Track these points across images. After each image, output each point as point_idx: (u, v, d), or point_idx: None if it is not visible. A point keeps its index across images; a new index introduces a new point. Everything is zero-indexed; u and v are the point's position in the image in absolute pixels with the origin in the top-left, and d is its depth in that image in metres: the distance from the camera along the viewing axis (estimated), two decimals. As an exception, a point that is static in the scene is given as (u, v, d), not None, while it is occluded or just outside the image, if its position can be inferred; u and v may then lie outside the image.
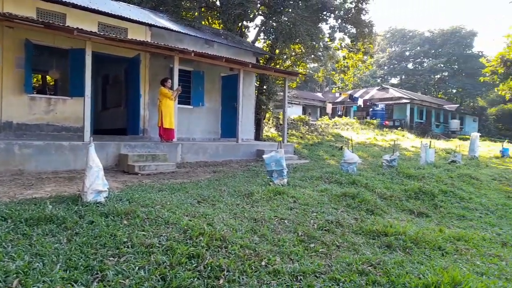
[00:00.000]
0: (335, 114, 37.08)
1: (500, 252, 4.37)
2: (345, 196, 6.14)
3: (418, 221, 5.77)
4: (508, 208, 7.01)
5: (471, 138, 13.91)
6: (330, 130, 24.21)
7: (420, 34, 60.42)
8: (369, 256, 3.85)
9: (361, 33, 19.65)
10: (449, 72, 56.24)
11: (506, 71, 28.16)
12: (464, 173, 9.50)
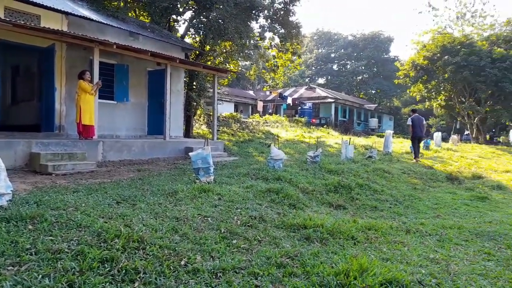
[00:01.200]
0: (266, 112, 37.92)
1: (404, 239, 4.83)
2: (269, 192, 6.31)
3: (336, 213, 6.14)
4: (414, 198, 7.79)
5: (385, 135, 15.21)
6: (261, 127, 24.69)
7: (344, 38, 64.32)
8: (288, 249, 4.00)
9: (289, 34, 20.31)
10: (369, 74, 60.73)
11: (416, 75, 31.24)
12: (378, 168, 10.35)
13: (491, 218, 6.33)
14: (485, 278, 3.65)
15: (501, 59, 27.28)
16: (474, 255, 4.35)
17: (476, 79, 27.85)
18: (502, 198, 8.45)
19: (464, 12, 33.27)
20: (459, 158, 16.06)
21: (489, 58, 27.71)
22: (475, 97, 30.87)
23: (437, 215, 6.49)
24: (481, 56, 27.81)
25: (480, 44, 29.39)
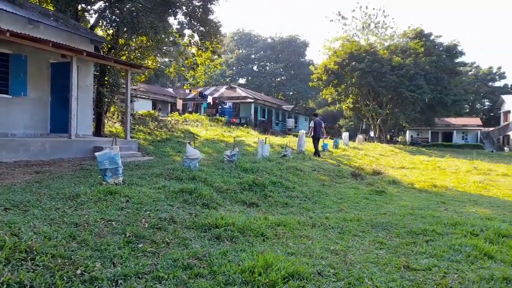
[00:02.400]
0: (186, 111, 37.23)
1: (309, 233, 5.12)
2: (182, 192, 6.19)
3: (249, 211, 6.26)
4: (322, 194, 8.32)
5: (299, 135, 16.02)
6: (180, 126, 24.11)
7: (264, 40, 66.08)
8: (198, 249, 3.97)
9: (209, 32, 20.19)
10: (287, 76, 63.35)
11: (328, 79, 33.48)
12: (292, 166, 10.84)
13: (386, 210, 7.05)
14: (376, 265, 4.03)
15: (398, 67, 30.62)
16: (369, 245, 4.79)
17: (379, 84, 30.85)
18: (397, 192, 9.47)
19: (369, 23, 36.64)
20: (363, 156, 17.62)
21: (389, 65, 30.90)
22: (378, 101, 34.18)
23: (340, 209, 7.02)
24: (382, 63, 30.88)
25: (382, 53, 32.62)
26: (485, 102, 60.53)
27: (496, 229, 5.39)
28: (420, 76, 30.47)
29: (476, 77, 58.69)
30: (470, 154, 25.62)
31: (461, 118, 50.33)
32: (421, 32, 34.78)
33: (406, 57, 31.93)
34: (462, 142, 46.26)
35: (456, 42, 35.00)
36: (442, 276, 3.77)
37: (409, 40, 34.68)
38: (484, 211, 7.30)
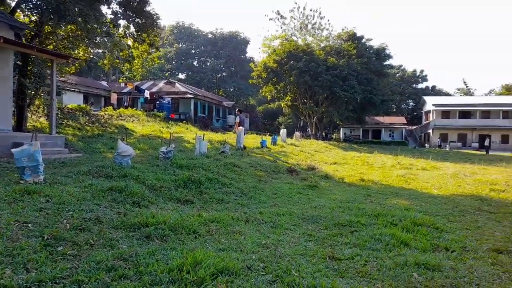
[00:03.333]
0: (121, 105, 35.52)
1: (243, 228, 5.17)
2: (111, 191, 5.90)
3: (183, 209, 6.16)
4: (258, 190, 8.45)
5: (237, 131, 16.11)
6: (114, 121, 22.93)
7: (204, 35, 65.27)
8: (124, 250, 3.81)
9: (145, 24, 19.44)
10: (227, 72, 63.27)
11: (267, 76, 34.06)
12: (229, 162, 10.86)
13: (317, 204, 7.37)
14: (304, 257, 4.19)
15: (333, 67, 32.11)
16: (299, 238, 4.96)
17: (315, 83, 32.10)
18: (328, 186, 9.93)
19: (306, 24, 37.94)
20: (299, 152, 18.24)
21: (324, 65, 32.28)
22: (314, 99, 35.55)
23: (274, 204, 7.19)
24: (318, 63, 32.16)
25: (318, 53, 33.95)
26: (410, 103, 65.86)
27: (412, 218, 5.90)
28: (352, 76, 32.27)
29: (402, 79, 63.63)
30: (395, 150, 27.72)
31: (389, 117, 54.25)
32: (354, 35, 36.82)
33: (340, 58, 33.60)
34: (389, 139, 49.92)
35: (384, 46, 37.63)
36: (363, 264, 4.04)
37: (343, 42, 36.54)
38: (404, 202, 7.95)
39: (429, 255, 4.39)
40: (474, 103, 49.19)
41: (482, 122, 46.40)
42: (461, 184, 10.69)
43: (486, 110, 46.96)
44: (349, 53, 34.66)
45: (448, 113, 48.20)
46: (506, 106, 46.51)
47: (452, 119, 47.84)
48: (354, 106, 36.14)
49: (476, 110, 47.01)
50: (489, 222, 6.33)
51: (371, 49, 37.12)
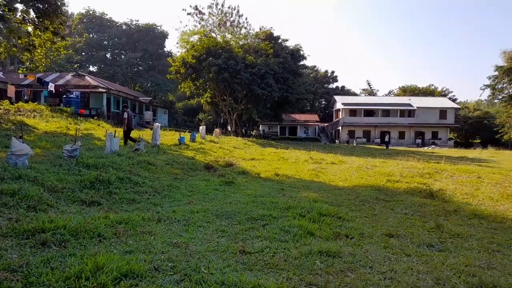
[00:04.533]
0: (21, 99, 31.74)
1: (153, 229, 4.99)
2: (1, 194, 5.24)
3: (89, 211, 5.74)
4: (173, 188, 8.25)
5: (153, 128, 15.53)
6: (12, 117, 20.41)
7: (118, 26, 61.48)
8: (13, 260, 3.41)
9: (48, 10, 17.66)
10: (144, 67, 60.56)
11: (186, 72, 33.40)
12: (144, 160, 10.42)
13: (232, 199, 7.45)
14: (215, 253, 4.20)
15: (251, 66, 32.75)
16: (211, 234, 4.96)
17: (234, 81, 32.41)
18: (245, 182, 10.11)
19: (225, 21, 38.05)
20: (218, 149, 18.27)
21: (243, 63, 32.75)
22: (234, 96, 35.89)
23: (189, 201, 7.08)
24: (237, 61, 32.51)
25: (237, 51, 34.31)
26: (322, 101, 70.29)
27: (318, 209, 6.30)
28: (270, 75, 33.29)
29: (315, 79, 67.59)
30: (309, 146, 29.39)
31: (304, 114, 57.29)
32: (271, 35, 37.99)
33: (258, 57, 34.40)
34: (304, 135, 52.75)
35: (299, 47, 39.52)
36: (271, 256, 4.19)
37: (261, 41, 37.47)
38: (313, 194, 8.45)
39: (332, 242, 4.73)
40: (377, 102, 54.39)
41: (383, 120, 51.53)
42: (363, 176, 11.74)
43: (386, 109, 52.24)
44: (267, 52, 35.65)
45: (355, 111, 52.54)
46: (402, 106, 52.31)
47: (358, 117, 52.26)
48: (272, 104, 37.34)
49: (378, 109, 52.02)
50: (384, 209, 7.06)
51: (287, 50, 38.67)
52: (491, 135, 51.42)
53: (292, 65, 37.70)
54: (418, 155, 22.90)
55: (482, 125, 55.86)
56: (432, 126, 51.09)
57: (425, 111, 51.15)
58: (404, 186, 9.85)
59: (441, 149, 37.05)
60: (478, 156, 25.85)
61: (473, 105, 68.30)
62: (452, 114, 52.17)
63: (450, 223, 6.08)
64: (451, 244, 4.89)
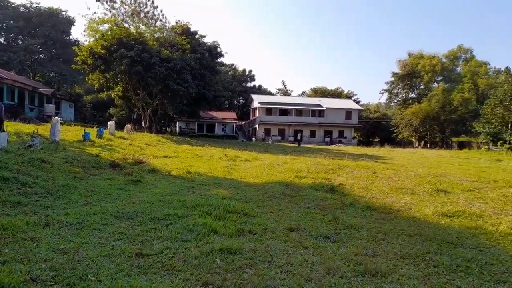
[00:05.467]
0: None
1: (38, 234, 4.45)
2: None
3: (-43, 218, 4.91)
4: (69, 188, 7.52)
5: (51, 122, 14.04)
6: None
7: (14, 7, 54.43)
8: None
9: None
10: (46, 55, 54.71)
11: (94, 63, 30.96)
12: (37, 157, 9.35)
13: (137, 199, 7.06)
14: (108, 258, 3.90)
15: (167, 60, 31.68)
16: (107, 238, 4.60)
17: (148, 75, 31.01)
18: (153, 180, 9.69)
19: (139, 11, 36.14)
20: (128, 146, 17.29)
21: (158, 57, 31.50)
22: (148, 91, 34.37)
23: (87, 202, 6.52)
24: (152, 54, 31.16)
25: (152, 44, 32.89)
26: (240, 99, 71.28)
27: (226, 207, 6.29)
28: (186, 71, 32.55)
29: (233, 77, 68.23)
30: (226, 143, 29.53)
31: (222, 112, 57.40)
32: (188, 30, 37.22)
33: (174, 51, 33.40)
34: (222, 133, 52.87)
35: (216, 44, 39.42)
36: (171, 257, 4.03)
37: (177, 35, 36.47)
38: (223, 192, 8.44)
39: (234, 240, 4.74)
40: (291, 102, 56.96)
41: (296, 119, 54.16)
42: (273, 172, 12.12)
43: (299, 109, 55.00)
44: (183, 47, 34.81)
45: (271, 110, 54.30)
46: (313, 106, 55.57)
47: (274, 116, 54.12)
48: (189, 100, 36.62)
49: (292, 109, 54.51)
50: (289, 204, 7.34)
51: (204, 46, 38.26)
52: (388, 134, 57.48)
53: (209, 61, 37.42)
54: (325, 152, 24.54)
55: (381, 125, 62.09)
56: (339, 126, 55.20)
57: (333, 112, 55.03)
58: (310, 182, 10.39)
59: (346, 147, 40.24)
60: (376, 153, 28.62)
61: (373, 107, 75.55)
62: (356, 115, 56.98)
63: (346, 215, 6.55)
64: (344, 235, 5.26)
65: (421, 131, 52.28)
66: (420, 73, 57.09)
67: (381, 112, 69.14)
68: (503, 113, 34.79)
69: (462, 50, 58.56)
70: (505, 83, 38.17)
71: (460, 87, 52.26)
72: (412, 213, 6.92)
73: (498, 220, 6.37)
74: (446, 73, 58.14)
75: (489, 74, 53.74)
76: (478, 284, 3.68)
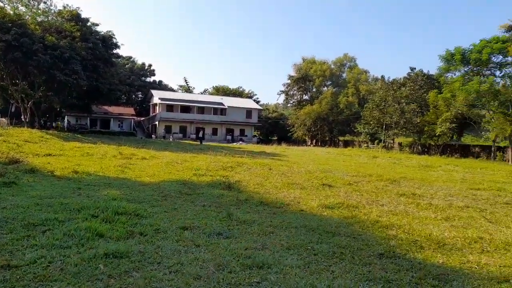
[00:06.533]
0: None
1: None
2: None
3: None
4: None
5: None
6: None
7: None
8: None
9: None
10: None
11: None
12: None
13: (8, 203, 6.19)
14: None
15: (53, 47, 28.39)
16: (-36, 250, 3.94)
17: (29, 63, 27.39)
18: (32, 181, 8.61)
19: (18, -10, 31.63)
20: (2, 143, 15.07)
21: (42, 44, 28.03)
22: (29, 81, 30.38)
23: None
24: (34, 40, 27.59)
25: (34, 28, 29.13)
26: (139, 95, 67.75)
27: (115, 208, 5.93)
28: (76, 61, 29.59)
29: (131, 70, 64.52)
30: (123, 140, 27.84)
31: (118, 107, 53.84)
32: (78, 16, 33.87)
33: (61, 38, 30.06)
34: (118, 129, 49.59)
35: (111, 34, 36.69)
36: (45, 266, 3.65)
37: (65, 21, 32.92)
38: (115, 192, 7.93)
39: (122, 243, 4.49)
40: (193, 99, 56.36)
41: (198, 117, 53.83)
42: (172, 171, 11.85)
43: (202, 107, 54.78)
44: (72, 34, 31.58)
45: (172, 107, 52.92)
46: (216, 104, 55.94)
47: (175, 112, 52.89)
48: (80, 93, 33.43)
49: (194, 106, 53.98)
50: (185, 203, 7.25)
51: (97, 35, 35.31)
52: (285, 133, 60.93)
53: (103, 52, 34.66)
54: (226, 150, 24.91)
55: (279, 124, 65.53)
56: (240, 124, 56.58)
57: (234, 110, 56.14)
58: (208, 179, 10.44)
59: (247, 145, 41.50)
60: (274, 151, 30.15)
61: (272, 107, 79.36)
62: (256, 114, 59.11)
63: (240, 211, 6.75)
64: (237, 231, 5.41)
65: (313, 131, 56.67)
66: (312, 77, 61.84)
67: (279, 112, 72.94)
68: (379, 116, 39.78)
69: (347, 58, 65.33)
70: (380, 89, 43.73)
71: (346, 92, 58.22)
72: (300, 206, 7.46)
73: (370, 210, 7.27)
74: (334, 78, 64.21)
75: (368, 81, 61.00)
76: (350, 267, 4.14)
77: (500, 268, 4.32)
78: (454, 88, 30.91)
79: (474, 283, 3.82)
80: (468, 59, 31.27)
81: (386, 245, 5.00)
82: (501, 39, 29.46)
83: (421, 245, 5.07)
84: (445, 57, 32.92)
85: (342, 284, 3.57)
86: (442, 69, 34.26)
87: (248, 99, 66.05)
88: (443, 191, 10.10)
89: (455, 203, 8.33)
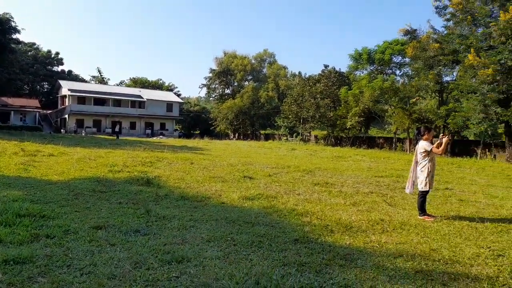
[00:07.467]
0: None
1: None
2: None
3: None
4: None
5: None
6: None
7: None
8: None
9: None
10: None
11: None
12: None
13: None
14: None
15: None
16: None
17: None
18: None
19: None
20: None
21: None
22: None
23: None
24: None
25: None
26: (45, 85, 61.51)
27: (16, 210, 5.36)
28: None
29: (35, 58, 58.16)
30: (27, 136, 25.05)
31: (20, 99, 48.20)
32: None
33: None
34: (20, 123, 44.45)
35: (9, 17, 32.57)
36: None
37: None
38: (16, 193, 7.14)
39: (25, 247, 4.10)
40: (108, 91, 52.92)
41: (114, 110, 50.78)
42: (84, 168, 11.04)
43: (118, 99, 51.74)
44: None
45: (84, 99, 49.09)
46: (133, 97, 53.32)
47: (88, 105, 49.18)
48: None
49: (109, 98, 50.77)
50: (99, 201, 6.84)
51: (-9, 16, 31.10)
52: (208, 127, 60.64)
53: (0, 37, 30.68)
54: (146, 145, 23.96)
55: (201, 118, 64.95)
56: (160, 118, 54.79)
57: (154, 104, 54.14)
58: (125, 176, 9.96)
59: (168, 139, 40.38)
60: (196, 145, 29.83)
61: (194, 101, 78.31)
62: (177, 107, 57.76)
63: (159, 207, 6.59)
64: (156, 227, 5.28)
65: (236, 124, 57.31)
66: (234, 71, 62.36)
67: (201, 106, 72.23)
68: (296, 110, 41.74)
69: (267, 54, 67.18)
70: (298, 85, 45.89)
71: (266, 87, 59.89)
72: (221, 199, 7.54)
73: (288, 199, 7.64)
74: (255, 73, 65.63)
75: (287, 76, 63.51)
76: (267, 254, 4.33)
77: (396, 245, 4.89)
78: (361, 85, 33.78)
79: (375, 260, 4.27)
80: (374, 59, 34.42)
81: (301, 231, 5.32)
82: (400, 41, 32.94)
83: (332, 229, 5.50)
84: (354, 56, 35.80)
85: (259, 271, 3.72)
86: (352, 67, 37.22)
87: (169, 92, 64.21)
88: (352, 179, 11.04)
89: (361, 189, 9.18)
